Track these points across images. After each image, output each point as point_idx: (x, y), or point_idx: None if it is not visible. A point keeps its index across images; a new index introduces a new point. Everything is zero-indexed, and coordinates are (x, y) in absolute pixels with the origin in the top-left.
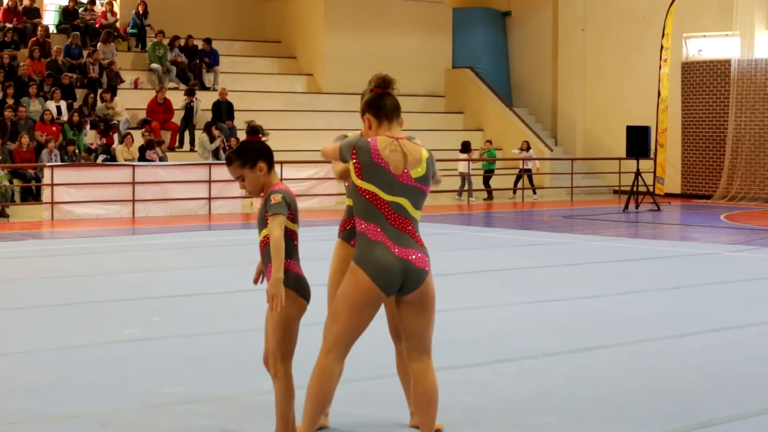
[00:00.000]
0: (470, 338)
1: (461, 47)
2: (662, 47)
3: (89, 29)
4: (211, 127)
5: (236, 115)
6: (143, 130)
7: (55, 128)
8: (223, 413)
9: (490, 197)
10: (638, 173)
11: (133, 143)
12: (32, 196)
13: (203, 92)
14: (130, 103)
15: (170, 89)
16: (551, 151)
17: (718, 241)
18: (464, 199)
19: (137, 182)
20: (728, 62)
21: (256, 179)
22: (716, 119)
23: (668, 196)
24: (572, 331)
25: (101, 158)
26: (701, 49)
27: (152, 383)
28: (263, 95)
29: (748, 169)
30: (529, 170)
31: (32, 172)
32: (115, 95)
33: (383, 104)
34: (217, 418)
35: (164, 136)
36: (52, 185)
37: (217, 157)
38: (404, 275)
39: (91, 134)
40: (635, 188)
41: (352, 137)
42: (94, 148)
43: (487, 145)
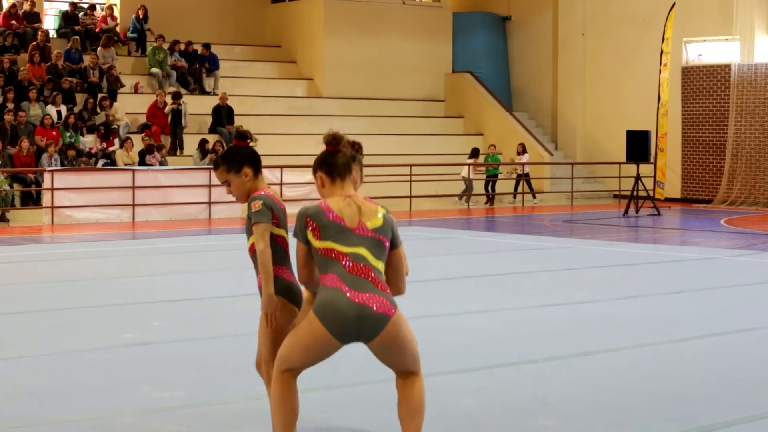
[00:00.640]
0: (470, 342)
1: (461, 52)
2: (662, 52)
3: (89, 34)
4: (204, 143)
5: (236, 119)
6: (143, 134)
7: (55, 133)
8: (222, 418)
9: (490, 202)
10: (638, 178)
11: (133, 148)
12: (32, 200)
13: (203, 96)
14: (130, 107)
15: (170, 93)
16: (551, 155)
17: (718, 245)
18: (473, 202)
19: (137, 187)
20: (728, 67)
21: (241, 184)
22: (716, 124)
23: (668, 200)
24: (572, 335)
25: (101, 163)
26: (701, 53)
27: (152, 387)
28: (263, 100)
29: (748, 173)
30: (526, 174)
31: (32, 176)
32: (115, 100)
33: (335, 162)
34: (216, 422)
35: (164, 140)
36: (52, 189)
37: None
38: (359, 321)
39: (91, 138)
40: (635, 193)
41: (300, 210)
42: (94, 152)
43: (491, 149)
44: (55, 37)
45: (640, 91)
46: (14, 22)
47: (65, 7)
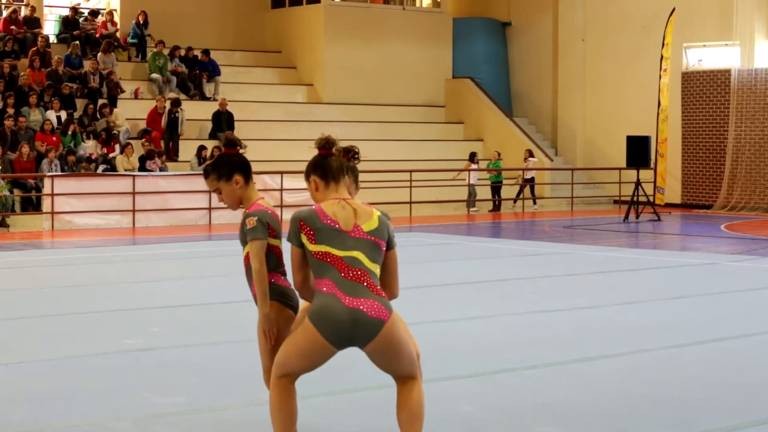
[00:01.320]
0: (470, 348)
1: (461, 57)
2: (662, 57)
3: (89, 39)
4: (202, 150)
5: (237, 125)
6: (143, 140)
7: (55, 138)
8: (223, 424)
9: (495, 208)
10: (638, 183)
11: (133, 153)
12: (32, 206)
13: (204, 102)
14: (130, 113)
15: (170, 99)
16: (551, 161)
17: (718, 251)
18: (477, 208)
19: (137, 192)
20: (728, 72)
21: (232, 192)
22: (716, 129)
23: (668, 206)
24: (572, 341)
25: (101, 168)
26: (701, 58)
27: (152, 393)
28: (263, 105)
29: (748, 178)
30: (531, 180)
31: (32, 182)
32: (115, 105)
33: (328, 165)
34: (217, 428)
35: (164, 146)
36: (52, 195)
37: None
38: (353, 326)
39: (91, 144)
40: (635, 198)
41: (294, 214)
42: (94, 158)
43: (494, 155)
44: (55, 42)
45: (640, 96)
46: (14, 27)
47: (65, 12)
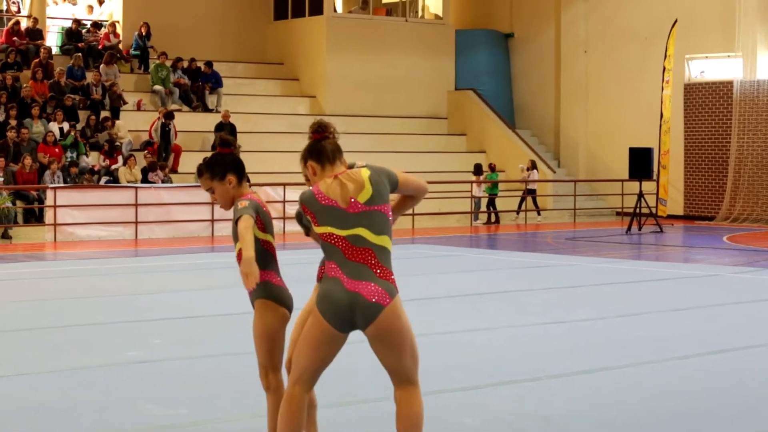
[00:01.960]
0: (473, 360)
1: (464, 69)
2: (664, 68)
3: (92, 51)
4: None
5: (239, 137)
6: (146, 152)
7: (57, 150)
8: None
9: (491, 220)
10: (641, 195)
11: (135, 165)
12: (35, 217)
13: (206, 114)
14: (132, 124)
15: (173, 111)
16: (554, 172)
17: (720, 262)
18: (481, 220)
19: (140, 204)
20: (731, 83)
21: (225, 191)
22: (719, 140)
23: (671, 217)
24: (575, 352)
25: (104, 180)
26: (703, 70)
27: (155, 405)
28: (266, 117)
29: (750, 190)
30: (533, 191)
31: (35, 193)
32: (117, 117)
33: (323, 148)
34: None
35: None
36: (54, 207)
37: None
38: (352, 309)
39: (94, 156)
40: (638, 210)
41: (299, 196)
42: (97, 169)
43: (491, 166)
44: (57, 54)
45: (642, 108)
46: (17, 39)
47: (68, 24)
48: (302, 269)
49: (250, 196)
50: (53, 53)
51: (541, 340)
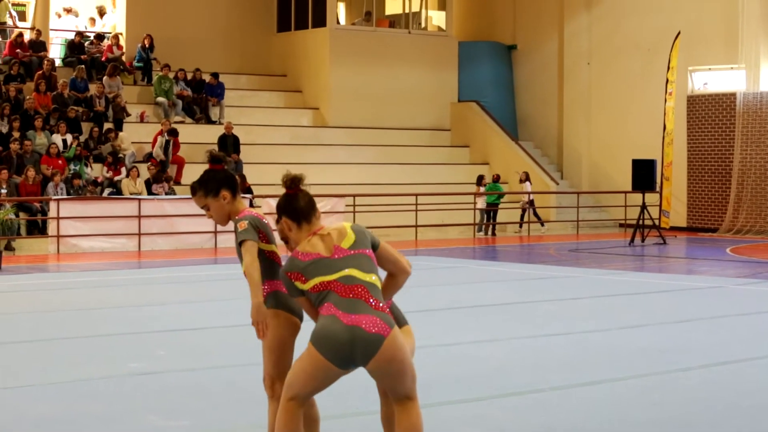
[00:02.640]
0: (476, 372)
1: (467, 81)
2: (667, 80)
3: (95, 63)
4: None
5: (242, 149)
6: (149, 163)
7: (61, 162)
8: None
9: (488, 231)
10: (644, 207)
11: (138, 177)
12: (38, 229)
13: (209, 126)
14: (136, 136)
15: (176, 123)
16: (557, 184)
17: (723, 274)
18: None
19: (143, 216)
20: (734, 95)
21: (220, 207)
22: (722, 152)
23: (674, 229)
24: (578, 364)
25: (107, 192)
26: (707, 82)
27: (158, 417)
28: (269, 129)
29: (753, 202)
30: (531, 202)
31: (38, 205)
32: (121, 129)
33: (297, 206)
34: None
35: (170, 170)
36: (58, 218)
37: None
38: (352, 344)
39: (97, 168)
40: (641, 222)
41: (280, 272)
42: (100, 181)
43: (493, 177)
44: (61, 66)
45: (645, 120)
46: (20, 51)
47: (71, 36)
48: None
49: (246, 212)
50: (56, 65)
51: (543, 351)
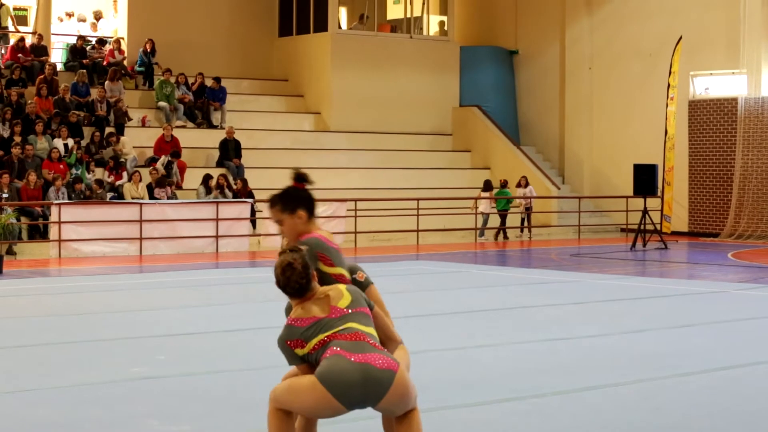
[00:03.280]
0: (477, 376)
1: (468, 85)
2: (669, 85)
3: (97, 67)
4: (208, 179)
5: (244, 153)
6: (150, 168)
7: (62, 166)
8: None
9: (500, 236)
10: (645, 211)
11: (140, 181)
12: (39, 233)
13: (211, 130)
14: (137, 141)
15: (178, 127)
16: (558, 189)
17: (725, 279)
18: (489, 237)
19: (144, 220)
20: (735, 100)
21: (294, 225)
22: (723, 157)
23: (675, 234)
24: (579, 369)
25: (109, 196)
26: (708, 87)
27: (158, 421)
28: (271, 133)
29: (755, 207)
30: (528, 208)
31: (39, 209)
32: (122, 133)
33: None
34: None
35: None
36: (59, 223)
37: (223, 195)
38: (364, 383)
39: (99, 172)
40: (642, 226)
41: (278, 340)
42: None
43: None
44: (62, 70)
45: (647, 124)
46: (22, 55)
47: (73, 40)
48: None
49: (315, 234)
50: (58, 69)
51: (545, 356)
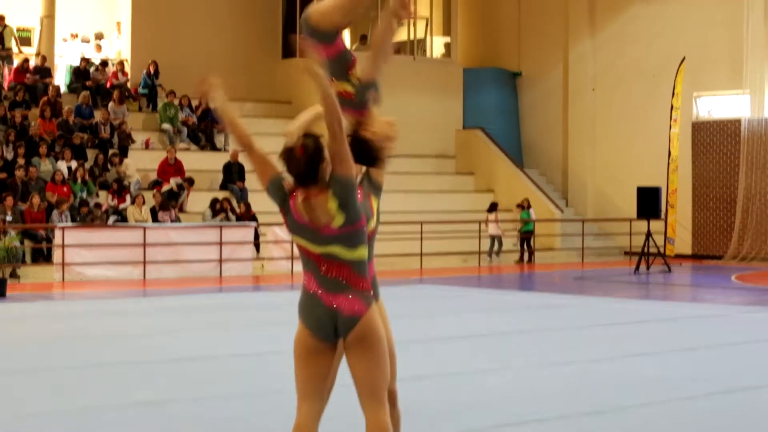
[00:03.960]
0: (481, 401)
1: (472, 107)
2: (672, 107)
3: (100, 89)
4: (216, 203)
5: (248, 176)
6: (154, 191)
7: (66, 189)
8: None
9: (524, 258)
10: (649, 234)
11: (144, 204)
12: (43, 257)
13: (214, 153)
14: (141, 163)
15: (181, 150)
16: (562, 212)
17: (729, 301)
18: (500, 259)
19: (148, 244)
20: (738, 122)
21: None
22: (726, 179)
23: (679, 257)
24: (583, 393)
25: (112, 219)
26: (711, 108)
27: None
28: (274, 156)
29: (759, 229)
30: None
31: (43, 232)
32: (126, 156)
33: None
34: None
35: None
36: (63, 246)
37: (227, 219)
38: (334, 322)
39: (102, 195)
40: (646, 249)
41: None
42: (105, 209)
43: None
44: (66, 92)
45: (650, 146)
46: (29, 75)
47: (76, 62)
48: None
49: None
50: (61, 91)
51: (548, 380)
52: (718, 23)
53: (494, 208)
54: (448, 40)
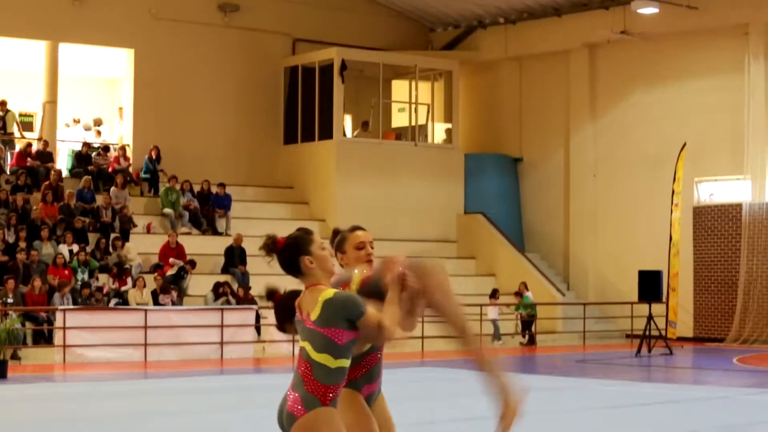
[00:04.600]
0: None
1: (473, 193)
2: (673, 192)
3: (102, 174)
4: (218, 287)
5: (249, 260)
6: (155, 274)
7: (67, 272)
8: None
9: (529, 342)
10: (650, 317)
11: (145, 287)
12: (44, 338)
13: (216, 237)
14: (142, 247)
15: (183, 234)
16: (563, 295)
17: (731, 384)
18: (502, 341)
19: (149, 326)
20: (740, 206)
21: None
22: (728, 262)
23: (681, 339)
24: None
25: (113, 302)
26: (712, 193)
27: None
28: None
29: (760, 312)
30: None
31: (44, 315)
32: (127, 240)
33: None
34: None
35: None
36: (64, 328)
37: (228, 302)
38: (280, 415)
39: (103, 278)
40: (648, 332)
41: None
42: (106, 291)
43: (521, 288)
44: (68, 176)
45: (651, 231)
46: (30, 159)
47: (78, 147)
48: None
49: None
50: (63, 176)
51: None
52: (719, 108)
53: (494, 294)
54: (449, 126)
